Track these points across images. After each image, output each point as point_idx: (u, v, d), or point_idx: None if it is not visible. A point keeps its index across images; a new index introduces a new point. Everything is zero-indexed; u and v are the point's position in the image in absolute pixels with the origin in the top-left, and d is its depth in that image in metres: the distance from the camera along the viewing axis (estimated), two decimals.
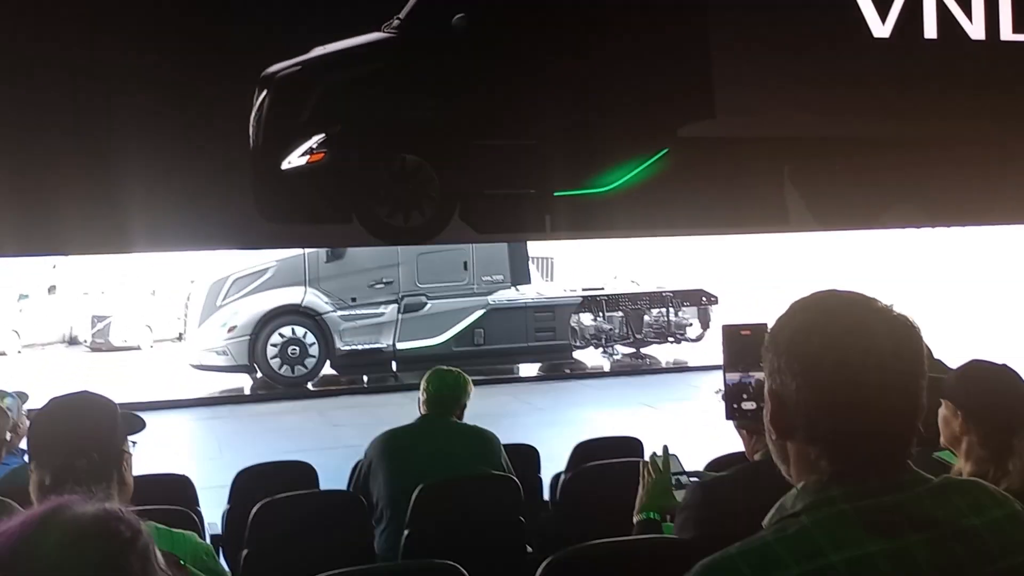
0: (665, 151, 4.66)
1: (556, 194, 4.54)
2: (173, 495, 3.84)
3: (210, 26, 4.16)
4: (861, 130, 4.88)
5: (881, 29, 4.88)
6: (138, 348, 18.84)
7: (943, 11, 4.94)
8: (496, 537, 3.61)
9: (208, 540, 3.80)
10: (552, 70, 4.54)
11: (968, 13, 4.98)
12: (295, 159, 4.32)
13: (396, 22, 4.40)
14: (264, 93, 4.26)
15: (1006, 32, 5.03)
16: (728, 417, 1.97)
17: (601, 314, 14.72)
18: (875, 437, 1.23)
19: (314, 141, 4.33)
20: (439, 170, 4.47)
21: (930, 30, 4.92)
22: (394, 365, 13.60)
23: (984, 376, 2.47)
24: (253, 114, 4.25)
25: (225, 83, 4.17)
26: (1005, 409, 2.37)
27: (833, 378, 1.22)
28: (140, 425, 2.10)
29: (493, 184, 4.49)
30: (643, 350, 15.24)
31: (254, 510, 3.48)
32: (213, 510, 4.46)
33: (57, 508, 1.15)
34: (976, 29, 5.00)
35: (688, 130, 4.69)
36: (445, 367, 4.10)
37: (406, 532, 3.47)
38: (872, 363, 1.21)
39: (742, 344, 1.62)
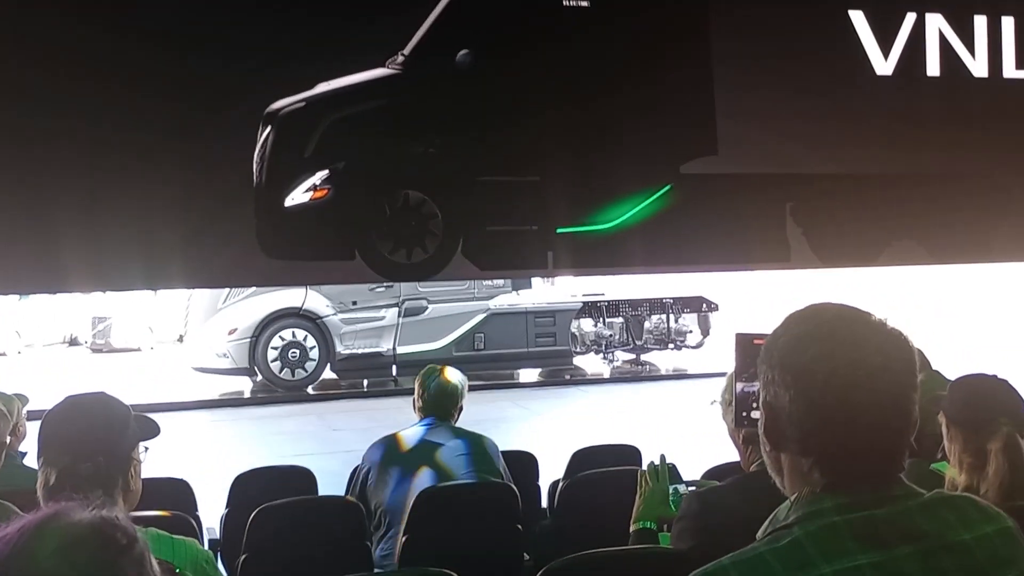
0: (668, 187, 4.68)
1: (559, 231, 4.56)
2: (172, 499, 3.86)
3: (212, 63, 4.17)
4: (863, 167, 4.90)
5: (884, 66, 4.89)
6: (139, 350, 18.85)
7: (946, 49, 4.95)
8: (494, 545, 3.65)
9: (207, 545, 3.86)
10: (555, 107, 4.56)
11: (971, 51, 4.99)
12: (298, 196, 4.34)
13: (400, 58, 4.41)
14: (268, 129, 4.28)
15: (1009, 70, 5.04)
16: (736, 425, 1.99)
17: (602, 320, 14.72)
18: (866, 450, 1.24)
19: (317, 178, 4.35)
20: (442, 206, 4.49)
21: (933, 68, 4.93)
22: (394, 369, 13.61)
23: (966, 384, 2.56)
24: (257, 150, 4.26)
25: (227, 120, 4.19)
26: (980, 413, 2.43)
27: (824, 391, 1.23)
28: (154, 431, 2.08)
29: (496, 220, 4.51)
30: (643, 357, 15.25)
31: (252, 515, 3.49)
32: (212, 514, 4.48)
33: (54, 515, 1.17)
34: (979, 67, 5.01)
35: (691, 167, 4.71)
36: (440, 367, 4.01)
37: (404, 539, 3.50)
38: (863, 377, 1.22)
39: (754, 353, 1.64)
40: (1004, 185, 5.08)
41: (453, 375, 3.94)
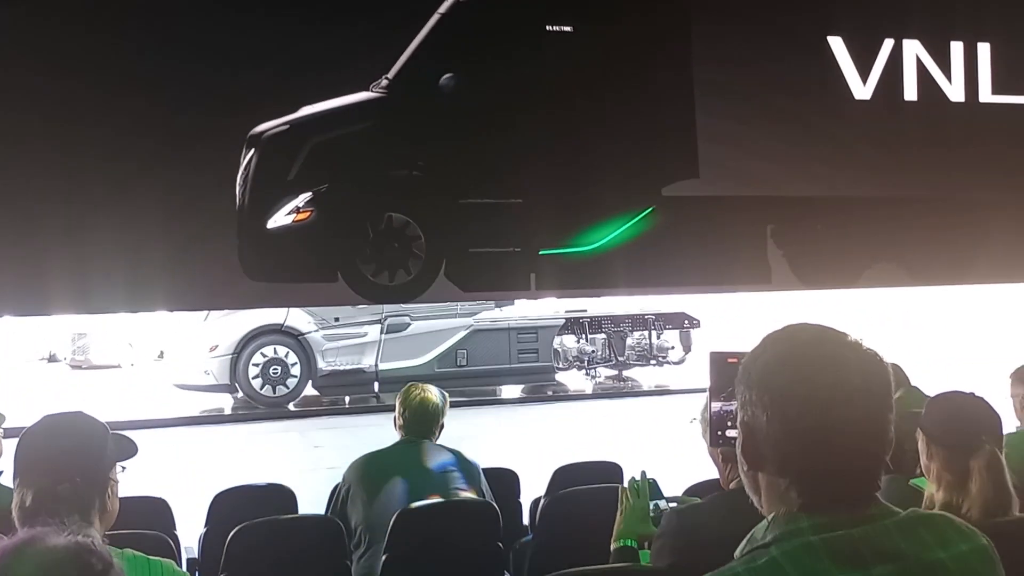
0: (650, 210, 4.72)
1: (541, 253, 4.59)
2: (150, 519, 3.83)
3: (195, 86, 4.17)
4: (842, 190, 4.97)
5: (862, 91, 4.96)
6: (118, 366, 18.67)
7: (923, 73, 5.04)
8: (474, 564, 3.64)
9: (185, 565, 3.84)
10: (538, 130, 4.59)
11: (948, 76, 5.08)
12: (281, 218, 4.34)
13: (384, 82, 4.44)
14: (252, 152, 4.28)
15: (985, 94, 5.13)
16: (712, 444, 1.99)
17: (584, 336, 14.75)
18: (844, 470, 1.25)
19: (301, 200, 4.36)
20: (425, 228, 4.50)
21: (910, 92, 5.02)
22: (376, 386, 13.57)
23: (946, 402, 2.57)
24: (240, 173, 4.27)
25: (210, 143, 4.19)
26: (962, 431, 2.45)
27: (802, 411, 1.24)
28: (132, 451, 2.07)
29: (478, 242, 4.53)
30: (625, 373, 15.28)
31: (231, 534, 3.46)
32: (191, 533, 4.43)
33: (30, 540, 1.18)
34: (956, 91, 5.10)
35: (673, 189, 4.75)
36: (421, 384, 4.01)
37: (384, 558, 3.49)
38: (840, 397, 1.24)
39: (729, 371, 1.64)
40: (982, 208, 5.15)
41: (434, 392, 3.94)
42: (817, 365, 1.26)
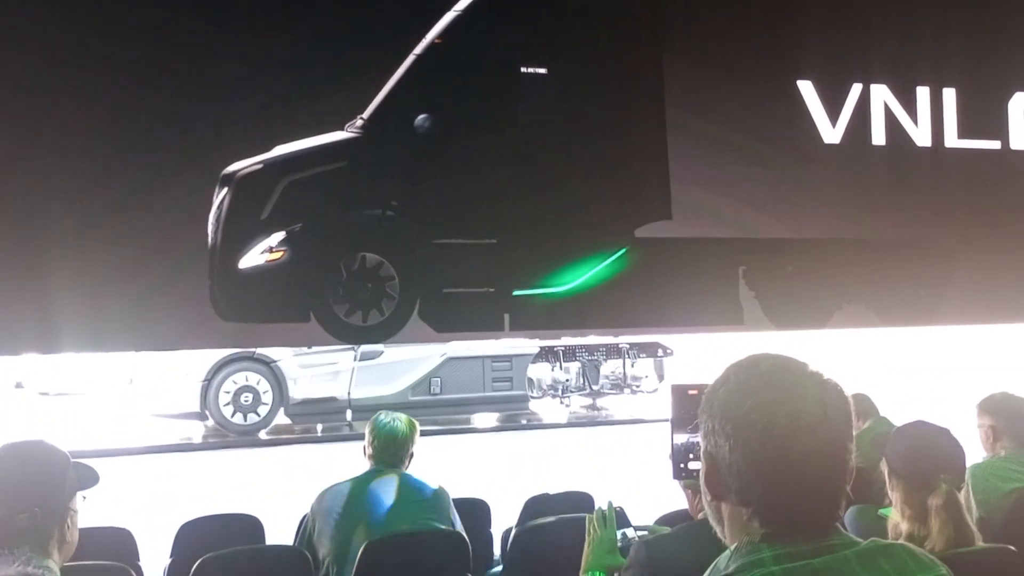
0: (624, 251, 4.75)
1: (515, 293, 4.60)
2: (113, 549, 3.75)
3: (168, 124, 4.16)
4: (812, 232, 5.03)
5: (832, 135, 5.05)
6: (87, 393, 18.38)
7: (891, 119, 5.14)
8: None
9: None
10: (512, 171, 4.61)
11: (915, 120, 5.18)
12: (254, 257, 4.32)
13: (359, 122, 4.44)
14: (225, 191, 4.27)
15: (951, 139, 5.23)
16: (675, 476, 1.98)
17: (558, 365, 14.76)
18: (804, 500, 1.25)
19: (274, 239, 4.34)
20: (398, 268, 4.50)
21: (878, 137, 5.10)
22: (349, 414, 13.48)
23: (910, 435, 2.54)
24: (213, 212, 4.25)
25: (183, 180, 4.17)
26: (922, 469, 2.43)
27: (763, 441, 1.24)
28: (92, 480, 2.04)
29: (452, 283, 4.53)
30: (599, 401, 15.30)
31: (195, 565, 3.41)
32: (156, 564, 4.33)
33: None
34: (922, 136, 5.20)
35: (646, 230, 4.79)
36: (391, 413, 3.97)
37: None
38: (801, 427, 1.23)
39: (690, 403, 1.64)
40: (948, 250, 5.24)
41: (403, 421, 3.89)
42: (778, 394, 1.26)
